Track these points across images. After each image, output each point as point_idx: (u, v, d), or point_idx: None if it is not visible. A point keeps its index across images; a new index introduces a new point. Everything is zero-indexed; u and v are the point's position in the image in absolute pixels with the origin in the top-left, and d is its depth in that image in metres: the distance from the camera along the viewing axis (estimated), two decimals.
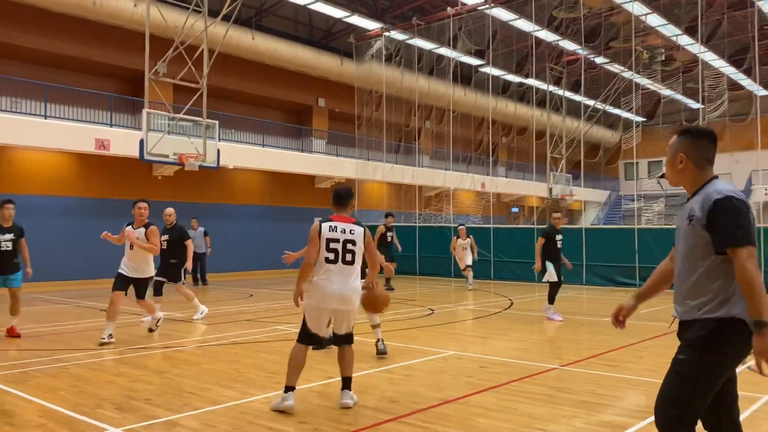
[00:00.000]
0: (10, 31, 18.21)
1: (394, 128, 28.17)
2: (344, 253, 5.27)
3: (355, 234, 5.32)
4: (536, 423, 4.92)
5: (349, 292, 5.26)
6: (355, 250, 5.29)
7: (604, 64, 31.08)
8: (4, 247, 8.95)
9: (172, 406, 5.43)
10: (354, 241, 5.29)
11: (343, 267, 5.26)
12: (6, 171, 18.08)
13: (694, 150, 3.10)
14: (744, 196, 2.98)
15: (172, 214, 11.29)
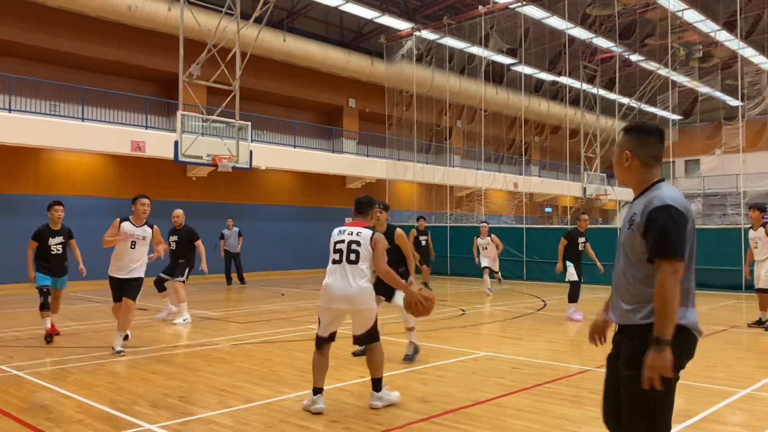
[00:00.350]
0: (48, 36, 18.66)
1: (424, 128, 28.11)
2: (348, 253, 5.31)
3: (361, 236, 5.35)
4: (569, 425, 4.85)
5: (353, 291, 5.21)
6: (359, 250, 5.29)
7: (639, 61, 30.55)
8: (54, 251, 8.84)
9: (206, 403, 5.50)
10: (359, 242, 5.31)
11: (346, 266, 5.28)
12: (44, 172, 18.54)
13: (640, 147, 3.00)
14: (686, 206, 2.87)
15: (181, 216, 11.40)
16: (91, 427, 4.79)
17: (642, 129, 3.05)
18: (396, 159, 26.70)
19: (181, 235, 11.15)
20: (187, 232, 11.21)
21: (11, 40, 18.12)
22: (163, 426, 4.82)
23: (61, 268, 8.98)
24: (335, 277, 5.30)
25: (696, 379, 6.41)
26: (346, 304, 5.23)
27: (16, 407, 5.35)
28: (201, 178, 21.57)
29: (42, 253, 8.82)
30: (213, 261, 20.54)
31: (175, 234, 11.21)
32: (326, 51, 24.44)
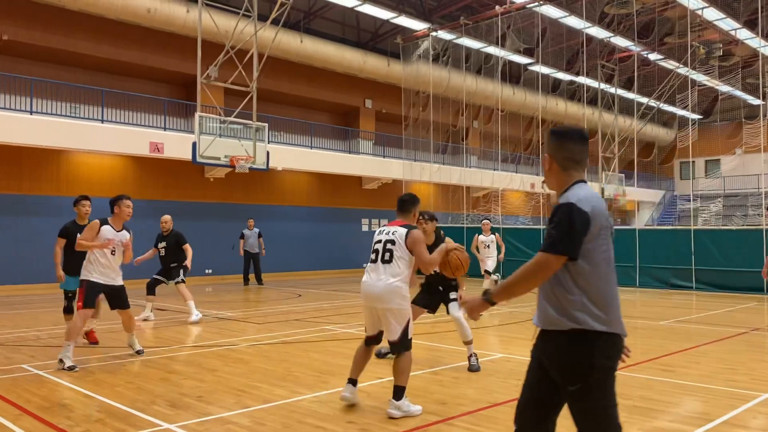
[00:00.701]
0: (68, 38, 18.89)
1: (441, 128, 28.06)
2: (383, 253, 5.32)
3: (396, 234, 5.33)
4: None
5: (380, 290, 5.20)
6: (393, 249, 5.29)
7: (658, 60, 30.25)
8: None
9: (224, 403, 5.53)
10: (393, 241, 5.31)
11: (380, 265, 5.31)
12: (65, 173, 18.77)
13: (558, 151, 2.97)
14: (594, 207, 2.80)
15: (169, 222, 11.40)
16: (111, 426, 4.84)
17: (560, 132, 3.02)
18: (412, 159, 26.68)
19: (169, 242, 11.24)
20: (175, 237, 11.24)
21: (32, 43, 18.38)
22: (182, 425, 4.86)
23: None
24: (368, 276, 5.35)
25: (716, 382, 6.34)
26: (376, 301, 5.24)
27: (38, 406, 5.42)
28: (218, 179, 21.73)
29: (70, 252, 8.22)
30: (231, 261, 20.75)
31: (163, 240, 11.28)
32: (343, 52, 24.49)
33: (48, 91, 18.48)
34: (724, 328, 10.17)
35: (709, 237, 17.10)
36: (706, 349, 8.33)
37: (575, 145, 2.98)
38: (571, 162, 2.97)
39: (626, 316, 9.43)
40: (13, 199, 17.68)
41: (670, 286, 17.40)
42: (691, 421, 5.02)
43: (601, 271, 2.80)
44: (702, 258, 16.93)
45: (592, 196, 2.87)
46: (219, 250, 21.26)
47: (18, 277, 17.51)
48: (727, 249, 16.63)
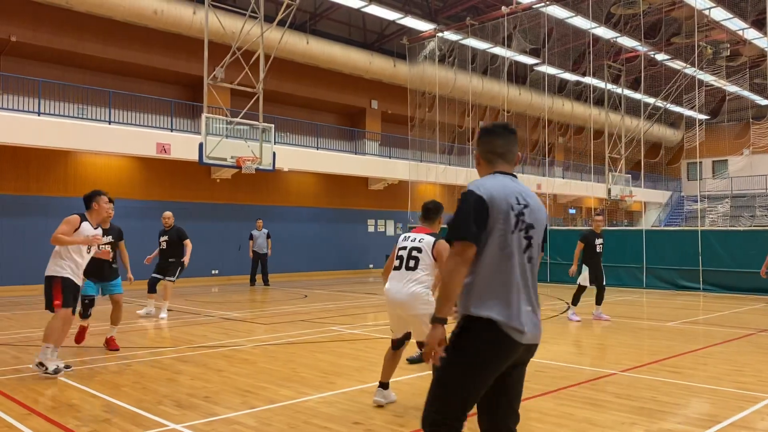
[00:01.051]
0: (75, 40, 18.98)
1: (447, 129, 28.04)
2: (408, 260, 5.36)
3: (423, 242, 5.38)
4: (594, 429, 4.80)
5: (404, 297, 5.23)
6: (419, 257, 5.33)
7: (665, 60, 30.13)
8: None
9: (230, 404, 5.54)
10: (420, 248, 5.35)
11: (403, 272, 5.34)
12: (72, 175, 18.86)
13: (482, 145, 3.13)
14: (492, 194, 2.87)
15: (170, 218, 11.90)
16: (118, 426, 4.86)
17: (485, 129, 3.17)
18: (418, 160, 26.67)
19: (171, 235, 11.73)
20: (176, 231, 11.74)
21: (40, 44, 18.47)
22: (188, 426, 4.87)
23: (106, 271, 8.09)
24: (393, 283, 5.37)
25: (723, 383, 6.31)
26: (400, 308, 5.29)
27: (45, 406, 5.45)
28: (225, 179, 21.78)
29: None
30: (237, 261, 20.80)
31: (165, 234, 11.80)
32: (349, 53, 24.51)
33: (55, 92, 18.57)
34: (731, 330, 10.13)
35: (717, 238, 17.02)
36: (713, 350, 8.29)
37: (497, 139, 3.12)
38: (492, 155, 3.12)
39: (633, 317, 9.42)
40: (20, 200, 17.77)
41: (677, 287, 17.33)
42: (699, 423, 5.00)
43: (494, 259, 2.86)
44: (709, 259, 16.85)
45: (494, 184, 2.95)
46: (225, 251, 21.31)
47: (26, 278, 17.59)
48: (735, 250, 16.55)
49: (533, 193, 3.09)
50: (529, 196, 3.03)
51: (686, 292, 16.66)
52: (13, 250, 17.54)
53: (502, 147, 3.13)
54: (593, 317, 11.32)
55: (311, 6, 24.32)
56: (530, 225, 2.98)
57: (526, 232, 2.96)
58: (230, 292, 17.16)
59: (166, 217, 11.91)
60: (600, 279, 11.23)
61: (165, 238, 11.78)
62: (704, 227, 19.88)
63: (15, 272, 17.46)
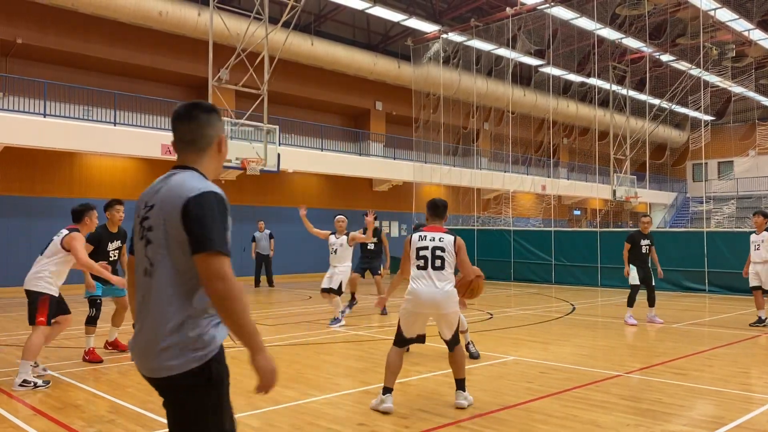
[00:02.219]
0: (81, 42, 19.06)
1: (451, 130, 28.04)
2: (434, 259, 5.40)
3: (444, 241, 5.45)
4: (599, 431, 4.79)
5: (440, 297, 5.32)
6: (444, 256, 5.41)
7: (670, 61, 30.07)
8: (112, 257, 7.87)
9: (235, 404, 5.51)
10: (443, 247, 5.43)
11: (431, 272, 5.38)
12: (78, 176, 18.92)
13: (173, 132, 2.55)
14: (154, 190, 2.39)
15: None
16: (123, 427, 4.87)
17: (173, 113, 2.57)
18: (423, 162, 26.68)
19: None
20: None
21: (46, 46, 18.54)
22: None
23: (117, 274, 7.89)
24: (421, 283, 5.38)
25: (730, 385, 6.28)
26: (434, 308, 5.33)
27: (51, 406, 5.47)
28: (230, 181, 21.80)
29: (98, 259, 7.43)
30: (241, 263, 20.81)
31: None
32: (353, 54, 24.53)
33: (61, 93, 18.63)
34: (737, 331, 10.09)
35: (722, 239, 16.95)
36: (719, 352, 8.26)
37: (174, 123, 2.55)
38: (179, 143, 2.56)
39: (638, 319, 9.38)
40: (26, 201, 17.84)
41: (682, 288, 17.27)
42: (705, 425, 4.98)
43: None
44: (715, 260, 16.78)
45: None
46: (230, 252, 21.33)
47: None
48: (741, 251, 16.39)
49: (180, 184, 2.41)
50: (158, 193, 2.42)
51: (692, 294, 16.61)
52: (19, 251, 17.58)
53: (179, 133, 2.53)
54: (647, 320, 11.10)
55: (315, 7, 24.36)
56: (149, 229, 2.40)
57: (146, 242, 2.41)
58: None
59: None
60: (649, 280, 11.07)
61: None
62: (710, 229, 19.82)
63: (20, 273, 17.49)
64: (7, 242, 17.43)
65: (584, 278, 19.02)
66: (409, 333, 5.49)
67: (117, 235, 8.00)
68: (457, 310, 5.48)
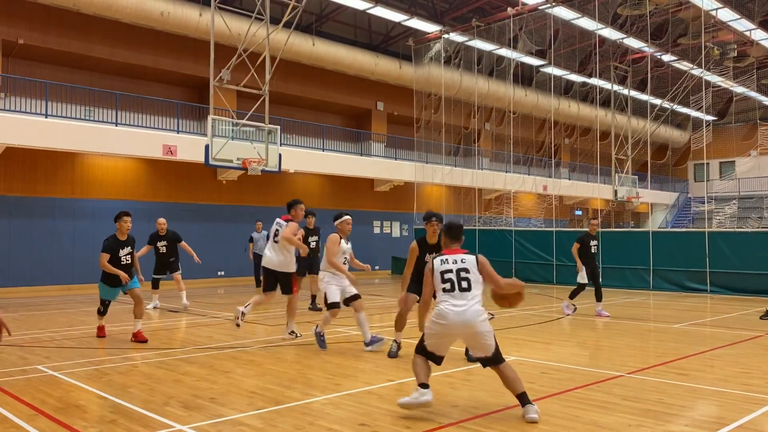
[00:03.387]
0: (83, 42, 19.08)
1: (453, 130, 28.04)
2: (459, 281, 5.41)
3: (467, 262, 5.49)
4: (600, 431, 4.79)
5: (470, 316, 5.27)
6: (468, 276, 5.43)
7: (671, 61, 30.04)
8: (124, 262, 8.95)
9: (237, 405, 5.55)
10: (467, 269, 5.45)
11: (458, 293, 5.37)
12: (79, 176, 18.93)
13: None
14: None
15: (165, 223, 13.13)
16: (125, 427, 4.88)
17: None
18: (424, 162, 26.68)
19: (169, 239, 13.02)
20: (173, 235, 13.06)
21: (47, 46, 18.57)
22: (194, 427, 4.88)
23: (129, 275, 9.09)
24: (450, 305, 5.34)
25: (731, 386, 6.28)
26: (467, 328, 5.30)
27: (52, 407, 5.47)
28: (231, 181, 21.83)
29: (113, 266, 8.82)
30: (243, 263, 20.82)
31: (162, 239, 13.00)
32: (354, 54, 24.53)
33: (62, 94, 18.66)
34: (739, 332, 10.08)
35: (724, 239, 16.95)
36: (720, 352, 8.25)
37: None
38: None
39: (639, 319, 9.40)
40: (28, 201, 17.86)
41: (684, 288, 17.26)
42: (706, 426, 4.98)
43: None
44: (716, 260, 16.77)
45: None
46: (231, 253, 21.35)
47: (33, 279, 17.68)
48: (742, 251, 16.48)
49: None
50: None
51: (693, 294, 16.60)
52: (21, 251, 17.62)
53: None
54: (595, 314, 11.94)
55: (317, 8, 24.36)
56: None
57: None
58: (236, 294, 17.18)
59: (160, 224, 13.03)
60: (596, 277, 12.03)
61: (164, 243, 12.95)
62: (711, 229, 19.80)
63: (22, 273, 17.55)
64: (9, 242, 17.45)
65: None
66: (438, 352, 5.42)
67: (126, 242, 9.06)
68: (491, 330, 5.35)
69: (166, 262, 13.05)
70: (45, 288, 17.65)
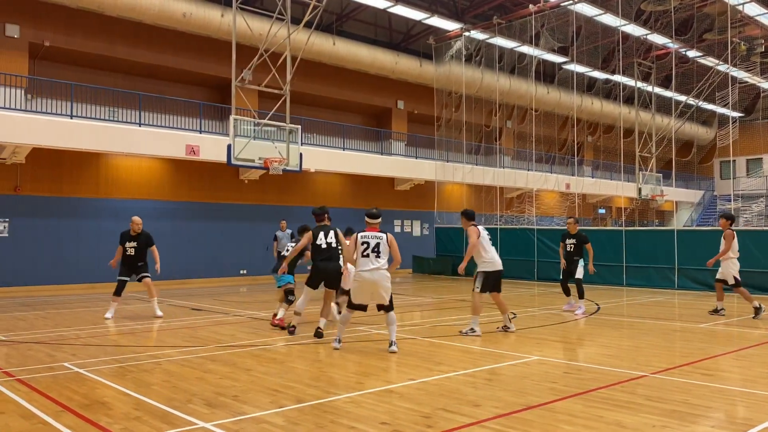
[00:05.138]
0: (106, 44, 19.32)
1: (474, 129, 27.91)
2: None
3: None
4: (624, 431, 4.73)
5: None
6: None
7: (697, 57, 29.59)
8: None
9: (259, 403, 5.58)
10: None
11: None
12: (104, 176, 19.18)
13: None
14: None
15: (140, 223, 11.60)
16: (149, 424, 4.93)
17: None
18: (445, 160, 26.60)
19: (140, 241, 11.51)
20: (145, 237, 11.57)
21: (72, 48, 18.84)
22: (217, 424, 4.91)
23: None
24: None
25: (759, 386, 6.17)
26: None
27: (78, 403, 5.55)
28: (253, 180, 21.96)
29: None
30: (265, 261, 20.93)
31: (132, 240, 11.48)
32: (375, 53, 24.54)
33: (87, 95, 18.93)
34: (766, 331, 9.90)
35: (751, 238, 16.64)
36: (748, 352, 8.11)
37: None
38: None
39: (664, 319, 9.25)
40: (54, 201, 18.15)
41: (710, 288, 16.97)
42: (733, 427, 4.89)
43: None
44: (743, 259, 16.38)
45: None
46: (253, 251, 21.48)
47: (59, 278, 17.96)
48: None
49: None
50: None
51: None
52: (47, 250, 17.91)
53: None
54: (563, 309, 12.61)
55: (337, 7, 24.40)
56: None
57: None
58: (258, 292, 17.29)
59: (136, 223, 11.55)
60: (573, 273, 12.40)
61: (133, 245, 11.47)
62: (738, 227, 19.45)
63: (49, 272, 17.83)
64: (36, 241, 17.74)
65: (609, 277, 18.79)
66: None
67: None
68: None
69: (134, 266, 11.56)
70: (70, 286, 17.92)
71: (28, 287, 17.22)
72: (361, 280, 7.98)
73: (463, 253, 23.44)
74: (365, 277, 7.94)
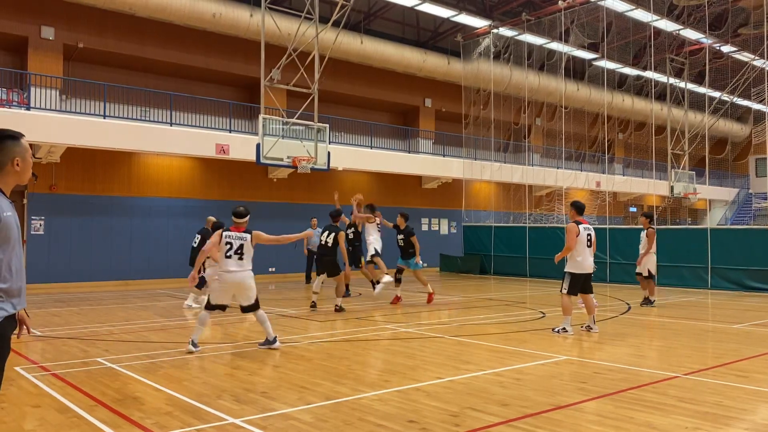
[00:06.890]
0: (138, 45, 19.63)
1: (502, 126, 27.72)
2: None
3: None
4: None
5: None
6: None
7: (731, 53, 28.96)
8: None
9: (287, 399, 5.63)
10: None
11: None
12: (135, 175, 19.50)
13: None
14: None
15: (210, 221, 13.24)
16: (180, 419, 5.00)
17: None
18: (473, 158, 26.47)
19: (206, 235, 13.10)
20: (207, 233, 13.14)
21: (105, 50, 19.18)
22: (246, 420, 4.97)
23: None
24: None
25: None
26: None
27: (111, 398, 5.66)
28: (281, 179, 22.12)
29: None
30: (293, 259, 21.09)
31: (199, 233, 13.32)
32: (402, 51, 24.52)
33: (120, 95, 19.25)
34: None
35: None
36: None
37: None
38: None
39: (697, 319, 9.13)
40: (87, 199, 18.50)
41: (744, 288, 16.64)
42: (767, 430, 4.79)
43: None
44: None
45: None
46: (282, 249, 21.62)
47: (92, 275, 18.31)
48: None
49: None
50: None
51: (755, 294, 15.98)
52: (81, 248, 18.27)
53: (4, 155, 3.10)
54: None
55: (365, 5, 24.44)
56: None
57: None
58: (287, 290, 17.42)
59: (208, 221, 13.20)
60: None
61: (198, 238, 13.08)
62: None
63: (82, 269, 18.19)
64: (70, 239, 18.12)
65: None
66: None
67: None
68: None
69: None
70: (103, 283, 18.26)
71: (63, 284, 17.60)
72: (224, 281, 7.98)
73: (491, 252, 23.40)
74: (227, 279, 7.95)
